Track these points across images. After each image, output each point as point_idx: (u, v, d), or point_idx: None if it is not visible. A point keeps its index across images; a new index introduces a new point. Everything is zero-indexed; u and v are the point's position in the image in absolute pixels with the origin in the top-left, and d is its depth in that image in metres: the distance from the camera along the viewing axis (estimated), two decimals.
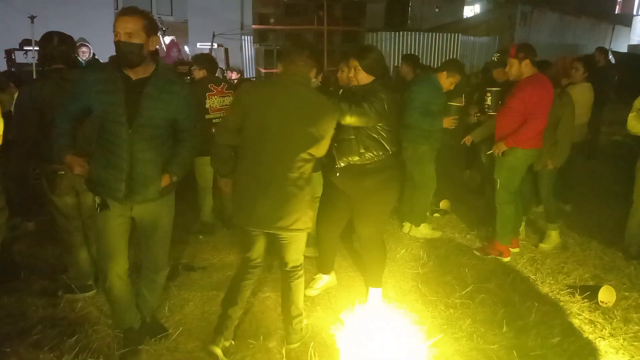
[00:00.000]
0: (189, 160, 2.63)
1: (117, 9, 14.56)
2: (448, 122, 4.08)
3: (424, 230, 4.47)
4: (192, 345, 2.77)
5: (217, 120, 4.20)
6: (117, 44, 2.24)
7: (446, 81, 4.14)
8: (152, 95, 2.33)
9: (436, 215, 4.94)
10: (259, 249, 2.69)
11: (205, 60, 4.53)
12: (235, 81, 7.19)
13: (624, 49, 19.97)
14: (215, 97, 4.23)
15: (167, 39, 10.82)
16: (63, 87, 2.82)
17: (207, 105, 4.19)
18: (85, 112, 2.42)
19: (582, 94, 4.63)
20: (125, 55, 2.24)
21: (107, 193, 2.40)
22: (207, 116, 4.19)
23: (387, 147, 2.95)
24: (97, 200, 2.44)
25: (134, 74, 2.33)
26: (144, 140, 2.36)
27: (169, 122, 2.43)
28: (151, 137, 2.37)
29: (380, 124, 2.89)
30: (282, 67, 2.63)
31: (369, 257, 3.20)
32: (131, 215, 2.51)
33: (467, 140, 4.35)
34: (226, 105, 4.26)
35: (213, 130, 4.15)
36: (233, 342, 2.71)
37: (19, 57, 8.24)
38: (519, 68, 3.67)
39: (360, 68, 2.95)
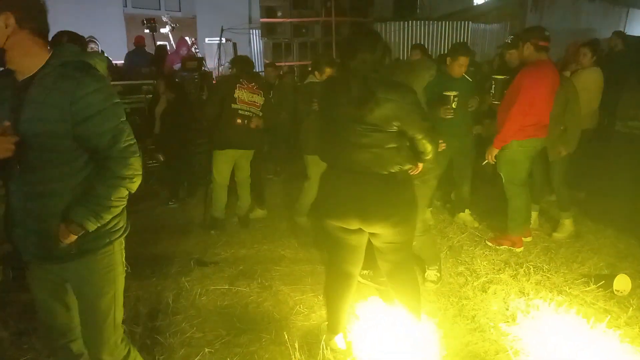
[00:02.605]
0: (109, 200, 1.69)
1: (126, 7, 14.62)
2: (443, 112, 4.00)
3: (465, 218, 4.53)
4: (206, 340, 2.80)
5: (242, 112, 4.23)
6: None
7: (453, 66, 4.06)
8: (35, 99, 1.60)
9: (448, 205, 4.94)
10: None
11: (237, 61, 4.62)
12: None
13: (638, 32, 19.55)
14: (245, 90, 4.26)
15: (188, 40, 10.82)
16: None
17: (236, 95, 4.21)
18: None
19: (590, 79, 4.54)
20: None
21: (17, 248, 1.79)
22: (233, 105, 4.21)
23: None
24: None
25: (19, 74, 1.65)
26: (38, 169, 1.64)
27: (67, 139, 1.62)
28: (47, 163, 1.64)
29: None
30: None
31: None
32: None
33: (476, 130, 4.32)
34: (254, 101, 4.29)
35: (238, 121, 4.25)
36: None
37: None
38: (526, 51, 3.61)
39: None
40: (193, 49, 9.71)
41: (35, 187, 1.66)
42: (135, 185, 1.75)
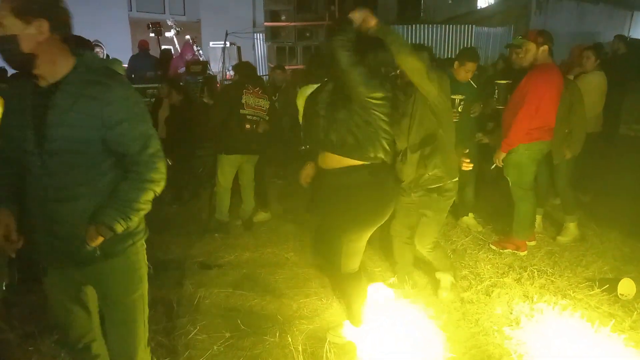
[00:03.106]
0: (138, 202, 1.71)
1: (131, 10, 14.72)
2: None
3: (469, 221, 4.52)
4: (210, 342, 2.80)
5: (250, 117, 4.27)
6: None
7: (460, 71, 4.07)
8: (60, 105, 1.60)
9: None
10: None
11: (240, 67, 4.75)
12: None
13: None
14: (251, 95, 4.30)
15: (187, 38, 10.87)
16: None
17: (243, 101, 4.25)
18: None
19: (593, 83, 4.54)
20: (4, 56, 1.59)
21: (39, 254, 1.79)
22: (241, 111, 4.25)
23: None
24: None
25: (43, 80, 1.64)
26: (63, 174, 1.65)
27: (95, 144, 1.64)
28: (72, 167, 1.65)
29: None
30: None
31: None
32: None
33: (481, 139, 4.31)
34: (260, 106, 4.33)
35: (247, 126, 4.29)
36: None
37: None
38: (536, 54, 3.61)
39: None
40: (194, 48, 9.75)
41: (60, 191, 1.66)
42: (161, 188, 1.78)
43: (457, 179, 3.00)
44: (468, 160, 3.01)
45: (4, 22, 1.52)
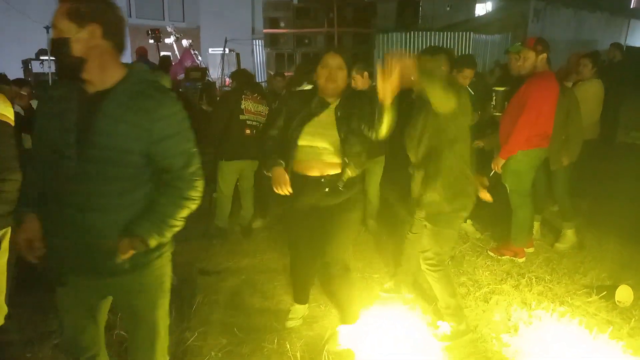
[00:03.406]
0: (174, 219, 1.71)
1: (131, 17, 14.76)
2: None
3: (468, 228, 4.53)
4: (208, 349, 2.80)
5: (251, 123, 4.29)
6: (50, 44, 1.62)
7: (458, 78, 4.07)
8: (110, 114, 1.59)
9: None
10: None
11: (238, 74, 4.78)
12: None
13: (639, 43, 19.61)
14: (250, 101, 4.33)
15: (185, 42, 10.91)
16: None
17: (242, 106, 4.28)
18: None
19: (591, 91, 4.57)
20: (58, 60, 1.60)
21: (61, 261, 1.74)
22: (241, 117, 4.28)
23: None
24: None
25: (91, 86, 1.62)
26: (98, 182, 1.62)
27: (137, 156, 1.63)
28: (109, 177, 1.62)
29: None
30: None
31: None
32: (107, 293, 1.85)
33: (478, 144, 4.32)
34: (260, 111, 4.35)
35: (247, 132, 4.31)
36: None
37: (36, 67, 8.44)
38: (534, 62, 3.64)
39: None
40: (192, 52, 9.78)
41: (92, 199, 1.62)
42: (196, 206, 1.77)
43: (460, 206, 2.74)
44: (485, 190, 2.86)
45: (58, 25, 1.52)
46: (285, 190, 2.42)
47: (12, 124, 2.34)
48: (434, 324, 3.01)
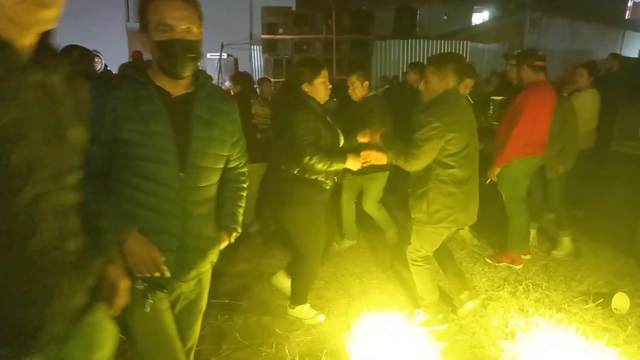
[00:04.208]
0: (242, 207, 1.86)
1: (129, 20, 14.79)
2: None
3: (465, 235, 4.54)
4: (206, 354, 2.79)
5: (262, 126, 4.38)
6: (171, 43, 1.48)
7: (459, 87, 4.12)
8: (203, 118, 1.59)
9: None
10: None
11: (242, 77, 4.80)
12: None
13: (634, 54, 19.78)
14: (258, 105, 4.38)
15: None
16: None
17: (253, 111, 4.31)
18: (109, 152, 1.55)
19: (587, 101, 4.62)
20: (184, 61, 1.50)
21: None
22: (253, 121, 4.35)
23: None
24: (141, 286, 1.59)
25: (174, 88, 1.57)
26: (198, 188, 1.62)
27: (223, 158, 1.70)
28: (204, 181, 1.64)
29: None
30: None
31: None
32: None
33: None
34: (266, 114, 4.39)
35: (258, 135, 4.32)
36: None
37: None
38: (527, 74, 3.69)
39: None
40: None
41: (196, 206, 1.64)
42: None
43: (446, 224, 2.83)
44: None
45: (193, 29, 1.51)
46: None
47: None
48: (413, 310, 3.21)
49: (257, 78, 15.05)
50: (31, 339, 1.03)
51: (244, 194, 1.86)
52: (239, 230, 1.83)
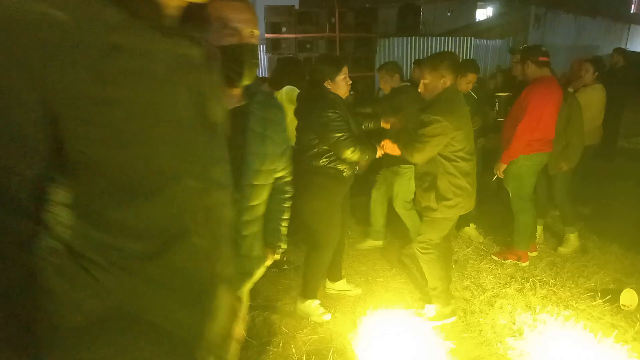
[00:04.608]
0: (287, 217, 1.81)
1: None
2: None
3: (471, 232, 4.53)
4: None
5: None
6: (239, 48, 1.38)
7: (461, 82, 4.10)
8: (257, 132, 1.50)
9: None
10: None
11: None
12: None
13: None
14: None
15: None
16: None
17: None
18: None
19: (593, 97, 4.58)
20: (251, 67, 1.43)
21: None
22: None
23: None
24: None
25: (228, 99, 1.43)
26: (251, 208, 1.56)
27: (275, 172, 1.64)
28: (257, 199, 1.58)
29: None
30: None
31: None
32: None
33: (481, 142, 4.35)
34: None
35: None
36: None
37: None
38: (531, 69, 3.68)
39: None
40: None
41: (246, 225, 1.57)
42: None
43: (454, 212, 2.97)
44: None
45: (256, 32, 1.45)
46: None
47: None
48: (421, 306, 3.23)
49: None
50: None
51: (289, 205, 1.78)
52: (284, 246, 1.78)
